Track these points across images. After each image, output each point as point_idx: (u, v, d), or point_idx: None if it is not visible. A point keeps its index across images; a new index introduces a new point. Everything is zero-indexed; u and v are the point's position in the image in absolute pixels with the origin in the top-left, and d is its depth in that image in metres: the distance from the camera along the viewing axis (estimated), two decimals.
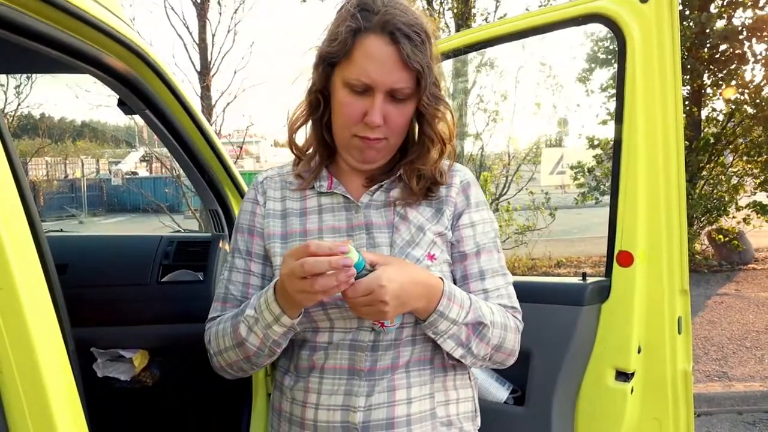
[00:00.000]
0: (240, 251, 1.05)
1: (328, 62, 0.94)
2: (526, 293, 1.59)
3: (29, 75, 14.40)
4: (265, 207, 1.04)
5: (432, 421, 0.97)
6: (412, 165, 1.00)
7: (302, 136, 1.06)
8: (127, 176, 20.86)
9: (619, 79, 1.48)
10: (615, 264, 1.47)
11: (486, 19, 8.66)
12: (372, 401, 0.93)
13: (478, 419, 1.08)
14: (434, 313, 0.90)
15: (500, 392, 1.58)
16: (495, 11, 8.99)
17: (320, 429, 0.95)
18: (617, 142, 1.49)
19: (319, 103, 0.98)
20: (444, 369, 1.01)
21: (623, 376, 1.45)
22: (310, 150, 1.05)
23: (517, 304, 1.03)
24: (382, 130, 0.93)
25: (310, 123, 1.02)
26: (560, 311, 1.49)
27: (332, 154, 1.04)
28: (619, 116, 1.48)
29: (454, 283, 1.01)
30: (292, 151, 1.06)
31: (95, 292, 1.67)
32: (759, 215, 7.25)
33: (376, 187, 1.01)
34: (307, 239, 0.99)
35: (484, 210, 1.05)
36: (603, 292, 1.50)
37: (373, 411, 0.93)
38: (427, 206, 1.02)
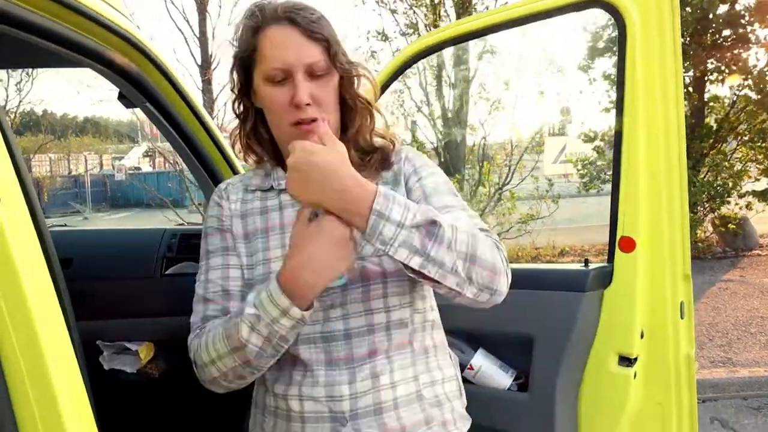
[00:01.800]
0: (213, 251, 1.03)
1: (242, 65, 0.98)
2: (528, 280, 1.60)
3: (30, 71, 14.41)
4: (229, 209, 1.05)
5: (420, 403, 0.97)
6: (353, 137, 1.02)
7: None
8: (131, 171, 20.88)
9: (620, 65, 1.47)
10: (617, 249, 1.47)
11: (487, 8, 8.61)
12: (357, 388, 0.94)
13: (464, 397, 1.09)
14: (372, 214, 0.80)
15: (504, 379, 1.59)
16: (496, 1, 8.94)
17: (308, 420, 0.95)
18: (618, 127, 1.48)
19: (248, 110, 1.02)
20: (425, 351, 1.02)
21: (626, 361, 1.46)
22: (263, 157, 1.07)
23: (485, 225, 0.96)
24: (313, 110, 0.94)
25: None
26: (563, 297, 1.50)
27: (282, 153, 1.04)
28: (619, 102, 1.48)
29: None
30: (249, 163, 1.09)
31: (100, 286, 1.68)
32: (760, 201, 7.23)
33: None
34: (268, 236, 1.00)
35: (429, 167, 1.06)
36: (605, 277, 1.50)
37: (359, 398, 0.93)
38: (386, 183, 1.03)
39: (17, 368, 0.65)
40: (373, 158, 1.02)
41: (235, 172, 1.70)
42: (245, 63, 0.97)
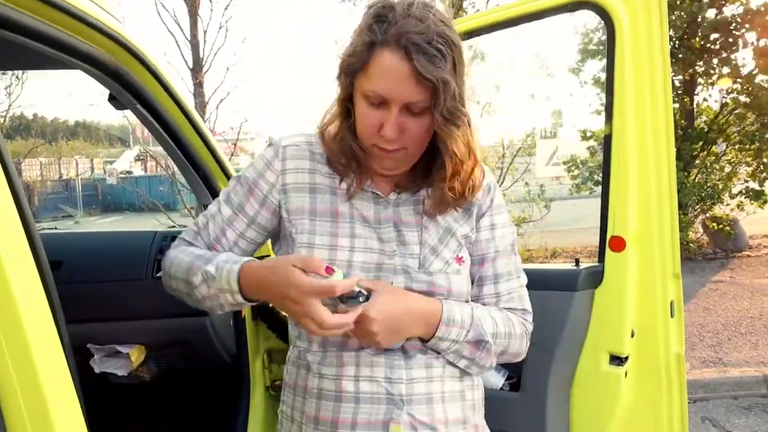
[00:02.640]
0: (232, 202, 1.03)
1: (348, 73, 0.93)
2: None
3: (20, 74, 14.31)
4: (284, 175, 1.00)
5: (462, 402, 1.01)
6: (436, 180, 0.98)
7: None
8: (122, 175, 20.77)
9: (609, 66, 1.49)
10: (607, 249, 1.48)
11: (477, 11, 8.64)
12: (413, 375, 0.97)
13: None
14: (433, 338, 0.95)
15: (496, 379, 1.59)
16: (487, 3, 8.98)
17: (363, 401, 0.95)
18: (608, 128, 1.49)
19: (349, 112, 0.98)
20: None
21: (617, 360, 1.47)
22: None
23: (528, 305, 1.07)
24: (399, 141, 0.92)
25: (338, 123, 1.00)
26: (554, 297, 1.51)
27: (359, 158, 1.01)
28: (609, 103, 1.49)
29: (472, 283, 1.05)
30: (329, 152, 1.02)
31: (91, 289, 1.67)
32: (752, 201, 7.29)
33: (395, 194, 1.02)
34: (338, 222, 0.98)
35: (504, 214, 1.07)
36: (596, 277, 1.51)
37: (415, 384, 0.97)
38: (455, 219, 1.03)
39: (6, 371, 0.65)
40: (446, 198, 0.98)
41: (227, 174, 1.70)
42: (352, 67, 0.92)
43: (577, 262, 1.56)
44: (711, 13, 6.81)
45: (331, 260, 0.94)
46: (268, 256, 1.37)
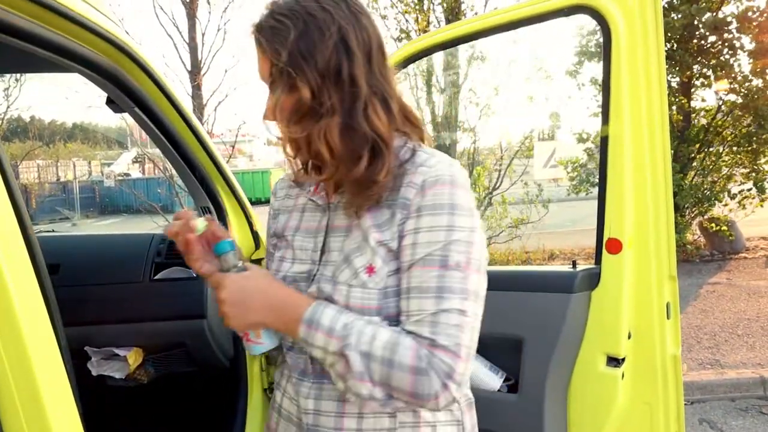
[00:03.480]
0: (268, 239, 1.10)
1: None
2: (517, 282, 1.62)
3: (18, 77, 14.29)
4: (276, 207, 1.08)
5: None
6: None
7: None
8: (120, 178, 20.75)
9: (605, 69, 1.49)
10: (604, 251, 1.49)
11: (476, 14, 8.67)
12: (321, 406, 0.91)
13: None
14: (300, 340, 0.86)
15: (493, 381, 1.60)
16: (485, 7, 9.00)
17: (283, 416, 1.00)
18: (604, 131, 1.50)
19: None
20: None
21: (614, 361, 1.48)
22: None
23: (448, 340, 0.79)
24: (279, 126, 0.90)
25: None
26: (551, 299, 1.51)
27: None
28: (605, 106, 1.50)
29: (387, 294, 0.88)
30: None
31: (88, 291, 1.67)
32: (758, 193, 7.28)
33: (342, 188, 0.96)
34: (287, 237, 1.01)
35: (441, 215, 0.82)
36: (593, 279, 1.52)
37: (321, 416, 0.91)
38: (386, 208, 0.88)
39: (4, 374, 0.65)
40: (354, 192, 0.88)
41: (224, 177, 1.70)
42: None
43: (574, 264, 1.57)
44: (708, 16, 6.83)
45: (276, 271, 0.99)
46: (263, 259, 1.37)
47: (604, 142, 1.50)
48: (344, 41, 0.84)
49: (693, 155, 7.23)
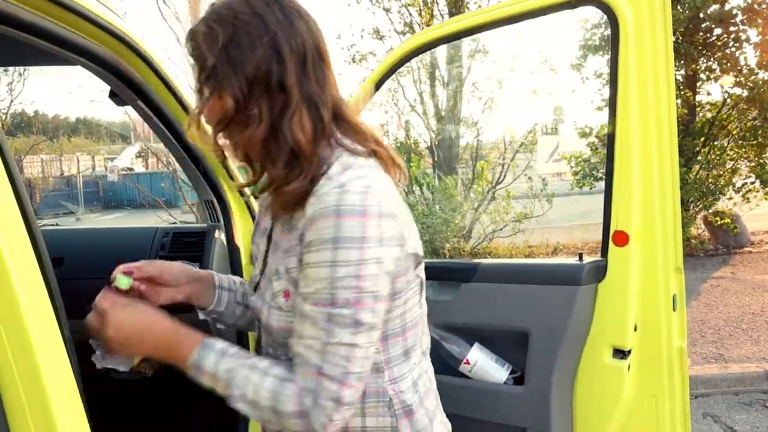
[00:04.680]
0: None
1: None
2: (523, 275, 1.61)
3: (21, 71, 14.31)
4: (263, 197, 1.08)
5: None
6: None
7: None
8: (123, 172, 20.78)
9: (613, 63, 1.48)
10: (611, 244, 1.48)
11: (479, 7, 8.61)
12: None
13: None
14: (189, 363, 0.86)
15: (500, 373, 1.59)
16: (488, 0, 8.95)
17: None
18: (611, 124, 1.49)
19: None
20: None
21: (620, 353, 1.47)
22: None
23: (329, 367, 0.78)
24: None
25: None
26: (557, 291, 1.51)
27: None
28: (612, 99, 1.48)
29: None
30: None
31: (92, 285, 1.67)
32: (762, 186, 7.24)
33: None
34: (257, 233, 1.02)
35: (325, 250, 0.77)
36: (599, 271, 1.51)
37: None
38: (294, 232, 0.85)
39: (8, 367, 0.65)
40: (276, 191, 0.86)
41: (228, 170, 1.70)
42: None
43: (580, 256, 1.56)
44: (714, 8, 6.78)
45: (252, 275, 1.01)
46: None
47: (611, 134, 1.49)
48: (275, 47, 0.81)
49: (698, 149, 7.20)
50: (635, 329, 1.48)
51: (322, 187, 0.80)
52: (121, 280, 0.90)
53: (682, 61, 7.01)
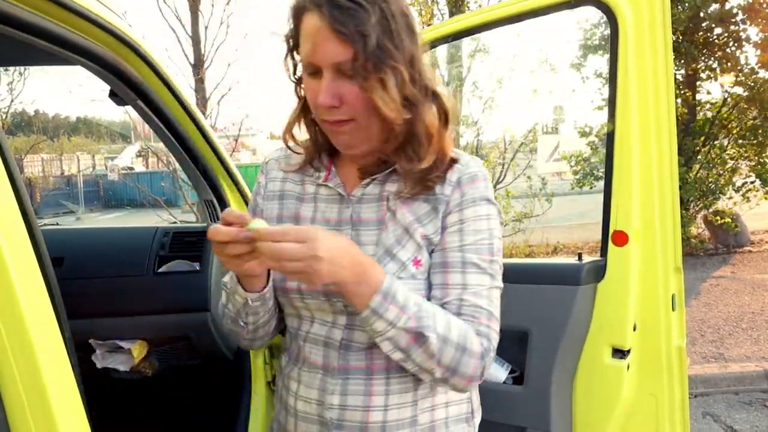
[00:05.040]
0: None
1: (289, 47, 0.91)
2: (523, 274, 1.61)
3: (21, 70, 14.32)
4: (266, 189, 1.03)
5: (412, 428, 0.92)
6: (395, 151, 0.92)
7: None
8: (124, 171, 20.79)
9: (612, 62, 1.48)
10: (610, 243, 1.48)
11: (480, 6, 8.62)
12: (347, 401, 0.91)
13: (477, 417, 1.03)
14: (366, 310, 0.82)
15: (499, 373, 1.60)
16: (488, 0, 8.95)
17: (299, 418, 0.96)
18: (611, 123, 1.49)
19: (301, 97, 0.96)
20: None
21: (620, 353, 1.47)
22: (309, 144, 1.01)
23: (496, 312, 0.90)
24: (343, 111, 0.85)
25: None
26: (557, 291, 1.51)
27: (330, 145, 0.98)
28: (612, 98, 1.49)
29: (431, 285, 0.92)
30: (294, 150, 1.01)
31: (92, 284, 1.67)
32: (762, 186, 7.24)
33: (368, 180, 0.95)
34: (299, 225, 0.97)
35: (481, 205, 0.91)
36: (599, 271, 1.51)
37: (347, 411, 0.91)
38: (424, 202, 0.92)
39: (9, 366, 0.65)
40: (413, 176, 0.91)
41: (226, 168, 1.70)
42: (290, 45, 0.90)
43: (579, 256, 1.56)
44: (714, 8, 6.78)
45: None
46: None
47: (610, 134, 1.49)
48: (409, 26, 0.85)
49: (698, 148, 7.19)
50: (634, 329, 1.48)
51: (459, 157, 0.94)
52: (259, 222, 0.80)
53: (683, 61, 7.01)
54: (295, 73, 0.94)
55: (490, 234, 0.91)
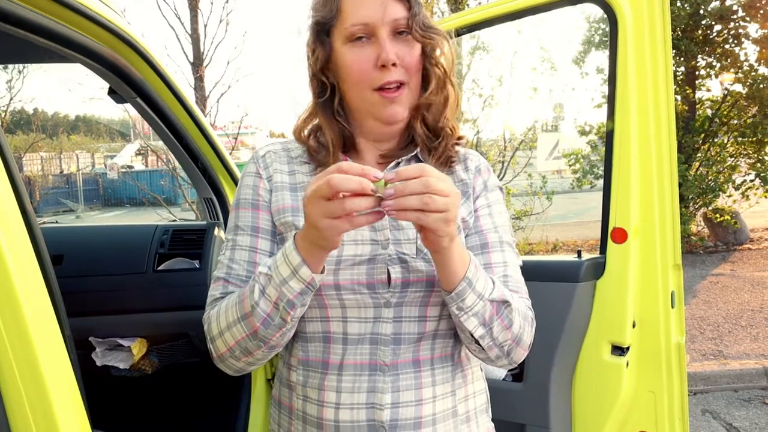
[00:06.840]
0: (244, 228, 0.94)
1: (324, 30, 0.90)
2: (523, 271, 1.61)
3: (20, 68, 14.30)
4: (270, 181, 0.96)
5: (453, 419, 0.92)
6: (425, 112, 0.94)
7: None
8: (123, 170, 20.78)
9: (611, 58, 1.48)
10: (609, 241, 1.48)
11: (479, 3, 8.61)
12: (399, 398, 0.88)
13: (490, 410, 1.04)
14: (463, 281, 0.80)
15: (498, 370, 1.60)
16: None
17: (343, 429, 0.88)
18: (610, 121, 1.49)
19: (325, 86, 0.93)
20: (462, 364, 0.96)
21: (619, 350, 1.47)
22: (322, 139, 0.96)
23: (524, 287, 0.97)
24: (399, 72, 0.88)
25: (317, 119, 0.97)
26: (556, 288, 1.51)
27: (346, 142, 0.96)
28: (611, 96, 1.49)
29: None
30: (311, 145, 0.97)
31: (92, 282, 1.67)
32: (762, 184, 7.23)
33: (393, 164, 0.94)
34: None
35: (497, 191, 1.00)
36: (598, 268, 1.51)
37: (400, 409, 0.88)
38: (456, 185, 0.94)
39: (9, 364, 0.65)
40: (441, 146, 0.95)
41: (226, 166, 1.70)
42: (324, 29, 0.90)
43: (579, 253, 1.56)
44: (714, 5, 6.78)
45: None
46: None
47: (610, 131, 1.49)
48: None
49: (697, 146, 7.20)
50: (634, 326, 1.48)
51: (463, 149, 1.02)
52: (383, 183, 0.71)
53: (682, 58, 7.01)
54: (318, 61, 0.92)
55: (508, 217, 1.01)
